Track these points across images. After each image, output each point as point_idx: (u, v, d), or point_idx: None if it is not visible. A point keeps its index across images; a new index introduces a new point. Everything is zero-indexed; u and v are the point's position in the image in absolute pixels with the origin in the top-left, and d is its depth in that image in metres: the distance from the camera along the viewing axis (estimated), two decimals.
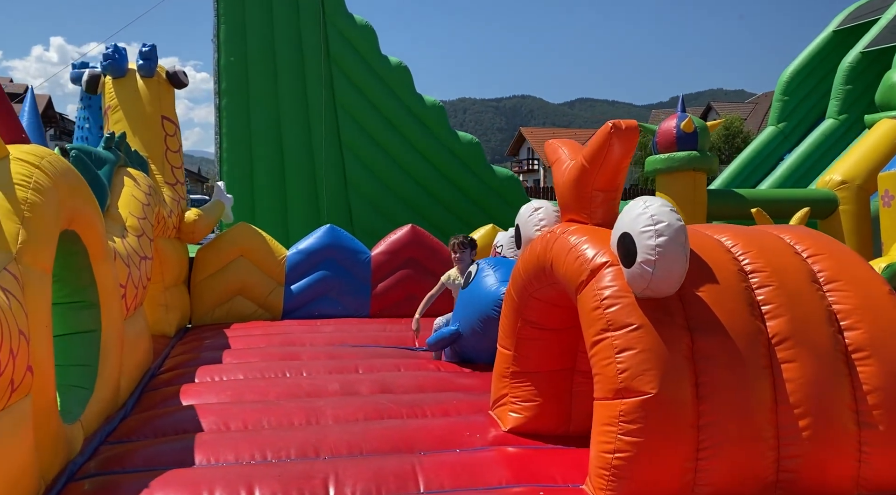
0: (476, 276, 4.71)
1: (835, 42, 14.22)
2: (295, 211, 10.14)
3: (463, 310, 4.73)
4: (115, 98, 6.12)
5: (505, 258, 4.96)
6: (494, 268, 4.65)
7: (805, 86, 14.46)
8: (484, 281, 4.61)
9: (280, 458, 3.08)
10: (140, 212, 4.62)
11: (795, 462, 2.53)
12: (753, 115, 41.31)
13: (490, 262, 4.79)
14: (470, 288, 4.70)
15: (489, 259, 4.90)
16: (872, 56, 12.51)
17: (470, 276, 4.77)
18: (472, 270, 4.81)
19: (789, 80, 14.47)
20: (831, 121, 13.16)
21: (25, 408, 2.46)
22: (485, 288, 4.57)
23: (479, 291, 4.61)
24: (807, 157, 13.14)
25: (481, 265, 4.78)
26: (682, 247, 2.48)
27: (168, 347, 5.40)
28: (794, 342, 2.59)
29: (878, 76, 12.46)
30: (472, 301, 4.64)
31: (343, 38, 10.39)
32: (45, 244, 2.78)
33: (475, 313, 4.60)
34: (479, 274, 4.71)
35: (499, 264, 4.73)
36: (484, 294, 4.55)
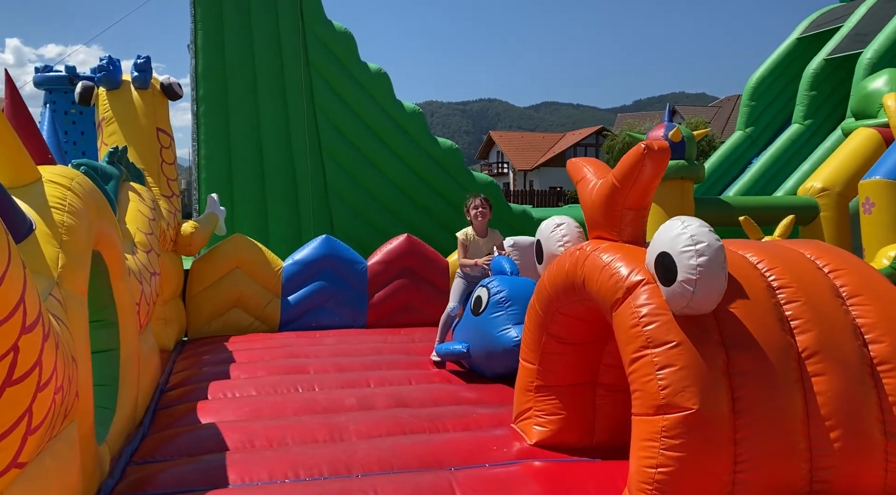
0: (487, 309, 4.56)
1: (799, 49, 14.65)
2: (275, 218, 10.06)
3: (471, 336, 4.66)
4: (109, 110, 6.03)
5: (517, 277, 4.83)
6: (507, 305, 4.51)
7: (771, 91, 14.88)
8: (495, 322, 4.49)
9: (313, 476, 3.09)
10: (147, 227, 4.57)
11: (827, 473, 2.63)
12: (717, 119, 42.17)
13: (500, 288, 4.62)
14: (481, 319, 4.57)
15: (499, 280, 4.74)
16: (836, 63, 12.93)
17: (481, 304, 4.64)
18: (483, 296, 4.68)
19: (756, 86, 14.87)
20: (797, 126, 13.55)
21: (73, 433, 2.45)
22: (496, 332, 4.46)
23: (489, 332, 4.49)
24: (774, 162, 13.52)
25: (493, 291, 4.63)
26: (721, 267, 2.56)
27: (170, 362, 5.34)
28: (822, 356, 2.69)
29: (841, 82, 12.91)
30: (482, 337, 4.54)
31: (322, 44, 10.36)
32: (81, 267, 2.76)
33: (483, 348, 4.54)
34: (491, 308, 4.55)
35: (511, 294, 4.56)
36: (493, 338, 4.46)
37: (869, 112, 8.89)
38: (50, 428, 2.14)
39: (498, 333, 4.45)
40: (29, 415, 1.90)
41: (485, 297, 4.66)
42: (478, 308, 4.67)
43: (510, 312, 4.50)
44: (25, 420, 1.88)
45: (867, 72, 11.03)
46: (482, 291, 4.74)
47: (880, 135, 8.14)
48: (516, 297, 4.55)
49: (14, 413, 1.83)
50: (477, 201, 5.32)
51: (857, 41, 12.66)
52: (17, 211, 2.40)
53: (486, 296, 4.65)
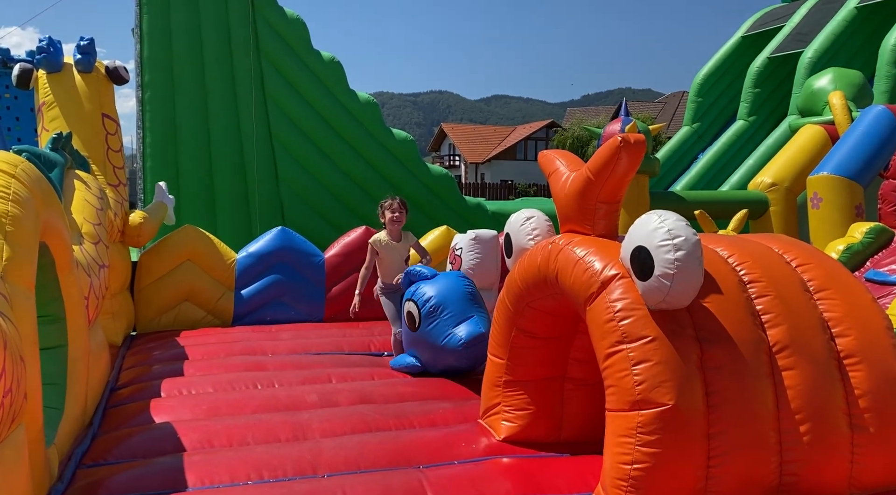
0: (422, 323, 4.38)
1: (743, 47, 15.05)
2: (224, 210, 9.78)
3: (419, 348, 4.51)
4: (50, 94, 5.71)
5: (434, 279, 4.57)
6: (440, 312, 4.35)
7: (717, 88, 15.25)
8: (434, 332, 4.33)
9: (278, 477, 2.99)
10: (95, 217, 4.34)
11: (796, 466, 2.65)
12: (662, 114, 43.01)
13: (427, 297, 4.41)
14: (421, 333, 4.41)
15: (425, 285, 4.50)
16: (778, 61, 13.33)
17: (414, 320, 4.45)
18: (413, 312, 4.45)
19: (702, 82, 15.21)
20: (741, 122, 13.93)
21: (21, 437, 2.29)
22: (440, 342, 4.31)
23: (433, 342, 4.34)
24: (720, 157, 13.88)
25: (420, 303, 4.41)
26: (699, 262, 2.55)
27: (119, 358, 5.11)
28: (792, 350, 2.71)
29: (783, 80, 13.31)
30: (429, 348, 4.40)
31: (273, 31, 10.09)
32: (28, 259, 2.58)
33: (433, 357, 4.42)
34: (425, 321, 4.37)
35: (440, 299, 4.37)
36: (439, 348, 4.32)
37: (814, 109, 9.15)
38: None
39: (443, 341, 4.30)
40: None
41: (415, 311, 4.44)
42: (413, 324, 4.46)
43: (445, 317, 4.32)
44: None
45: (808, 70, 11.38)
46: (410, 305, 4.49)
47: (826, 132, 8.39)
48: (447, 299, 4.37)
49: None
50: (394, 204, 4.96)
51: (799, 40, 13.06)
52: None
53: (416, 309, 4.43)
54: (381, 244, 4.98)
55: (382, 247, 4.98)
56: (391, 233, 5.00)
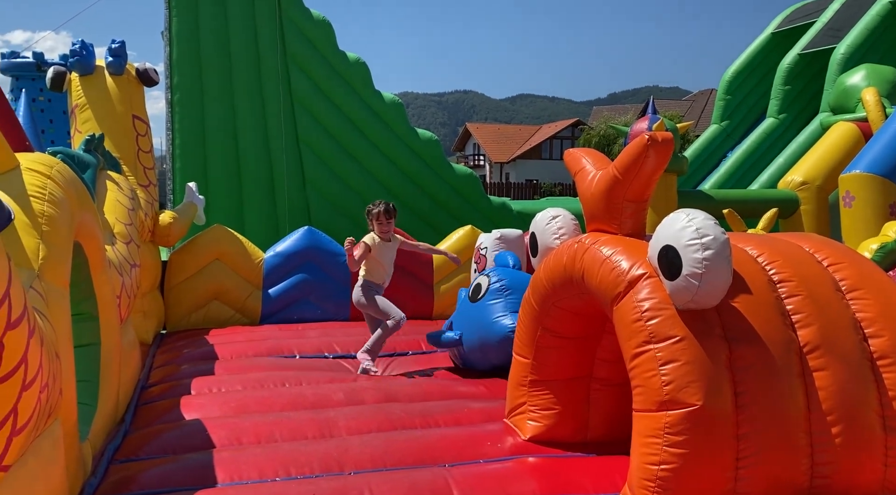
0: (486, 296, 4.52)
1: (773, 43, 14.82)
2: (251, 210, 9.88)
3: (466, 323, 4.62)
4: (82, 96, 5.83)
5: (516, 271, 4.78)
6: (506, 294, 4.50)
7: (746, 85, 15.04)
8: (492, 308, 4.46)
9: (304, 474, 3.01)
10: (126, 217, 4.42)
11: (828, 468, 2.61)
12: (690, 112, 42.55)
13: (502, 277, 4.60)
14: (478, 306, 4.54)
15: (501, 270, 4.73)
16: (809, 58, 13.09)
17: (480, 290, 4.61)
18: (483, 283, 4.64)
19: (731, 80, 15.01)
20: (771, 120, 13.71)
21: (57, 432, 2.34)
22: (492, 318, 4.43)
23: (485, 318, 4.45)
24: (749, 155, 13.68)
25: (493, 279, 4.60)
26: (727, 261, 2.52)
27: (149, 356, 5.19)
28: (824, 350, 2.67)
29: (814, 77, 13.08)
30: (478, 324, 4.50)
31: (300, 33, 10.17)
32: (63, 258, 2.64)
33: (477, 336, 4.50)
34: (490, 295, 4.51)
35: (511, 283, 4.55)
36: (489, 324, 4.42)
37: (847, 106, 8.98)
38: (35, 429, 2.03)
39: (493, 320, 4.42)
40: (14, 416, 1.79)
41: (484, 284, 4.62)
42: (476, 294, 4.63)
43: (508, 300, 4.47)
44: (10, 421, 1.78)
45: (841, 67, 11.17)
46: (482, 279, 4.69)
47: (859, 130, 8.23)
48: (516, 287, 4.52)
49: None
50: (381, 215, 4.91)
51: (831, 36, 12.82)
52: None
53: (486, 283, 4.61)
54: (374, 242, 4.92)
55: (376, 245, 4.92)
56: (381, 233, 4.95)
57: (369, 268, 4.92)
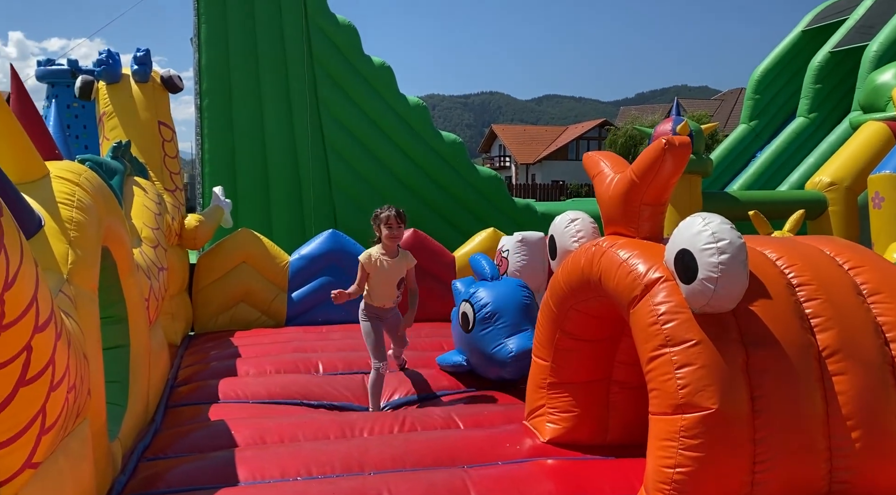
0: (476, 327, 4.30)
1: (804, 41, 14.58)
2: (279, 213, 10.01)
3: (468, 350, 4.47)
4: (109, 104, 5.98)
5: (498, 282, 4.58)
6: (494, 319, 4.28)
7: (776, 84, 14.82)
8: (487, 338, 4.27)
9: (325, 474, 3.06)
10: (153, 222, 4.53)
11: (847, 474, 2.59)
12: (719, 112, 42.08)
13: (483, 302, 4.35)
14: (473, 336, 4.35)
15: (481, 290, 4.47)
16: (840, 56, 12.87)
17: (468, 321, 4.37)
18: (468, 313, 4.39)
19: (760, 79, 14.81)
20: (802, 119, 13.50)
21: (86, 431, 2.42)
22: (491, 349, 4.25)
23: (484, 348, 4.27)
24: (779, 155, 13.48)
25: (476, 307, 4.35)
26: (743, 265, 2.52)
27: (178, 357, 5.31)
28: (843, 354, 2.65)
29: (846, 75, 12.85)
30: (479, 352, 4.34)
31: (326, 37, 10.29)
32: (91, 263, 2.72)
33: (482, 362, 4.37)
34: (479, 326, 4.29)
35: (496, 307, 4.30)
36: (490, 354, 4.26)
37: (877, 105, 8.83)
38: (63, 428, 2.10)
39: (493, 350, 4.26)
40: (42, 415, 1.87)
41: (470, 314, 4.40)
42: (466, 325, 4.41)
43: (498, 327, 4.26)
44: (39, 420, 1.85)
45: (873, 64, 10.97)
46: (466, 306, 4.44)
47: (889, 129, 8.08)
48: (502, 308, 4.30)
49: (28, 413, 1.80)
50: (391, 218, 4.26)
51: (863, 34, 12.60)
52: (26, 207, 2.37)
53: (471, 312, 4.38)
54: (371, 261, 4.28)
55: (373, 265, 4.27)
56: (386, 248, 4.32)
57: (368, 289, 4.36)
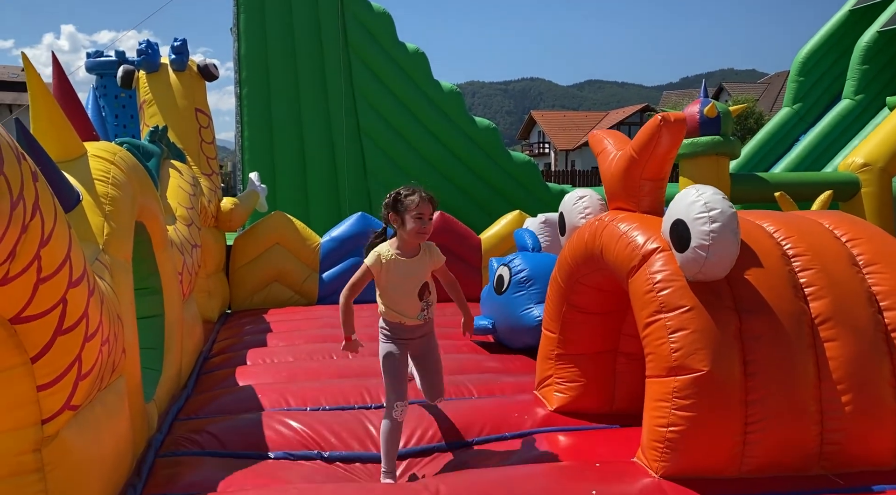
0: (510, 289, 4.58)
1: (851, 21, 14.18)
2: (316, 199, 10.29)
3: (496, 313, 4.74)
4: (149, 92, 6.28)
5: (539, 253, 4.86)
6: (528, 285, 4.56)
7: (821, 66, 14.44)
8: (517, 301, 4.55)
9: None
10: (187, 202, 4.79)
11: (838, 435, 2.69)
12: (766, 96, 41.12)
13: (521, 267, 4.64)
14: (504, 298, 4.63)
15: (521, 258, 4.77)
16: (889, 36, 12.49)
17: (503, 283, 4.67)
18: (505, 275, 4.68)
19: (805, 61, 14.46)
20: (847, 101, 13.16)
21: (122, 387, 2.65)
22: (519, 311, 4.53)
23: (512, 311, 4.55)
24: (823, 138, 13.17)
25: (514, 271, 4.64)
26: (734, 233, 2.62)
27: (213, 332, 5.59)
28: (835, 322, 2.74)
29: (894, 56, 12.48)
30: (506, 315, 4.63)
31: (361, 25, 10.48)
32: (125, 235, 2.96)
33: (508, 325, 4.63)
34: (512, 288, 4.57)
35: (532, 273, 4.60)
36: (517, 317, 4.54)
37: None
38: (99, 378, 2.33)
39: (521, 313, 4.53)
40: (79, 363, 2.09)
41: (506, 276, 4.69)
42: (500, 287, 4.70)
43: (531, 292, 4.55)
44: (76, 367, 2.07)
45: None
46: (503, 270, 4.75)
47: None
48: (537, 276, 4.59)
49: (66, 359, 2.02)
50: (422, 201, 2.98)
51: None
52: (65, 182, 2.60)
53: (508, 275, 4.68)
54: (380, 264, 3.09)
55: (384, 269, 3.09)
56: (405, 245, 3.08)
57: (383, 300, 3.22)
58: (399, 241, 3.12)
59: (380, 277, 3.14)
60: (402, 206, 3.03)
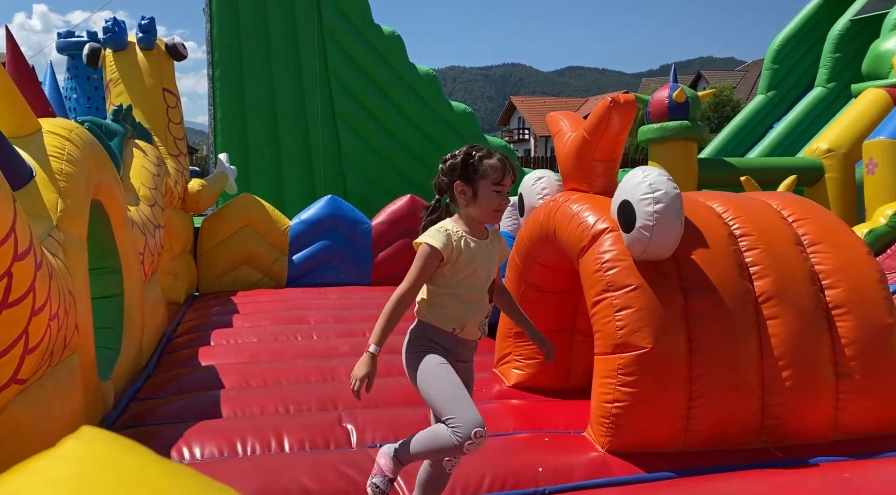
0: None
1: (824, 10, 14.33)
2: (290, 181, 10.25)
3: None
4: (115, 71, 6.21)
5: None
6: None
7: (795, 54, 14.60)
8: None
9: (301, 411, 3.30)
10: (151, 182, 4.78)
11: (779, 409, 2.77)
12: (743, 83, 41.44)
13: None
14: None
15: None
16: (861, 24, 12.65)
17: None
18: None
19: (779, 49, 14.61)
20: (820, 89, 13.33)
21: (74, 363, 2.67)
22: None
23: None
24: (796, 125, 13.35)
25: None
26: (677, 214, 2.68)
27: (179, 314, 5.59)
28: (778, 300, 2.82)
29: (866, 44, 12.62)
30: None
31: (336, 7, 10.41)
32: (80, 212, 2.96)
33: None
34: None
35: None
36: None
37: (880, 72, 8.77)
38: (48, 353, 2.34)
39: None
40: (26, 336, 2.10)
41: None
42: None
43: None
44: (23, 340, 2.09)
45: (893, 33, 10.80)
46: None
47: (889, 96, 8.06)
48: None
49: (12, 333, 2.03)
50: (496, 165, 2.27)
51: (884, 1, 12.38)
52: (17, 158, 2.60)
53: None
54: (450, 244, 2.22)
55: (455, 251, 2.23)
56: (472, 224, 2.29)
57: (436, 298, 2.34)
58: (464, 221, 2.29)
59: (445, 264, 2.24)
60: (475, 172, 2.26)
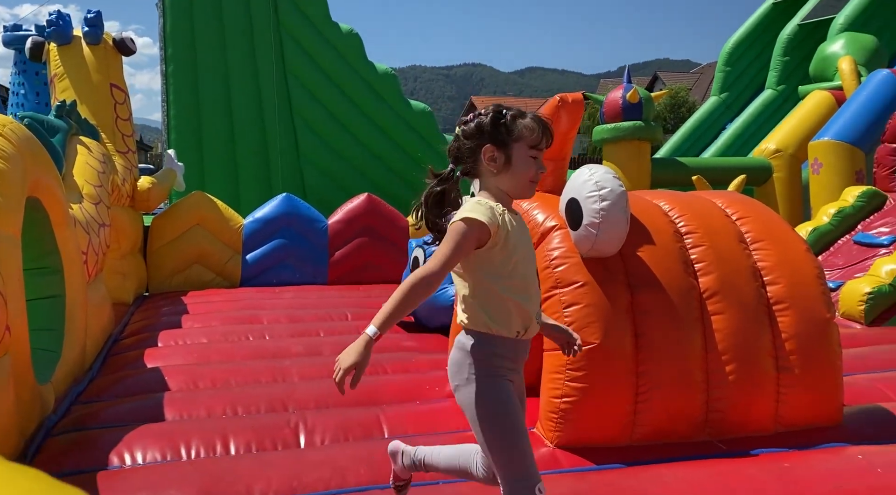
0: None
1: (774, 14, 14.70)
2: (246, 180, 10.11)
3: None
4: (60, 66, 6.03)
5: None
6: None
7: (746, 57, 14.96)
8: None
9: (250, 413, 3.24)
10: (95, 179, 4.64)
11: (722, 403, 2.82)
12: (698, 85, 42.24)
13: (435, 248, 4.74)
14: None
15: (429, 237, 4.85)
16: (809, 28, 13.00)
17: (419, 264, 4.70)
18: (420, 256, 4.72)
19: (731, 52, 14.95)
20: (770, 91, 13.67)
21: (6, 366, 2.57)
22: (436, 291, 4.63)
23: None
24: (747, 126, 13.67)
25: (428, 252, 4.70)
26: (623, 211, 2.70)
27: (127, 314, 5.45)
28: (722, 296, 2.86)
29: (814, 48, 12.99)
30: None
31: (293, 4, 10.30)
32: (13, 209, 2.85)
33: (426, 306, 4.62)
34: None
35: None
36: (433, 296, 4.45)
37: (826, 75, 9.02)
38: None
39: (437, 292, 4.55)
40: None
41: (422, 257, 4.72)
42: (416, 267, 4.77)
43: None
44: None
45: None
46: (419, 251, 4.77)
47: (834, 98, 8.28)
48: None
49: None
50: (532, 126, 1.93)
51: (831, 6, 12.74)
52: None
53: (423, 256, 4.70)
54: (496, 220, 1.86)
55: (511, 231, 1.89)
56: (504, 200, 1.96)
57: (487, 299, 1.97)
58: (494, 195, 1.92)
59: (494, 247, 1.84)
60: (509, 133, 1.89)
